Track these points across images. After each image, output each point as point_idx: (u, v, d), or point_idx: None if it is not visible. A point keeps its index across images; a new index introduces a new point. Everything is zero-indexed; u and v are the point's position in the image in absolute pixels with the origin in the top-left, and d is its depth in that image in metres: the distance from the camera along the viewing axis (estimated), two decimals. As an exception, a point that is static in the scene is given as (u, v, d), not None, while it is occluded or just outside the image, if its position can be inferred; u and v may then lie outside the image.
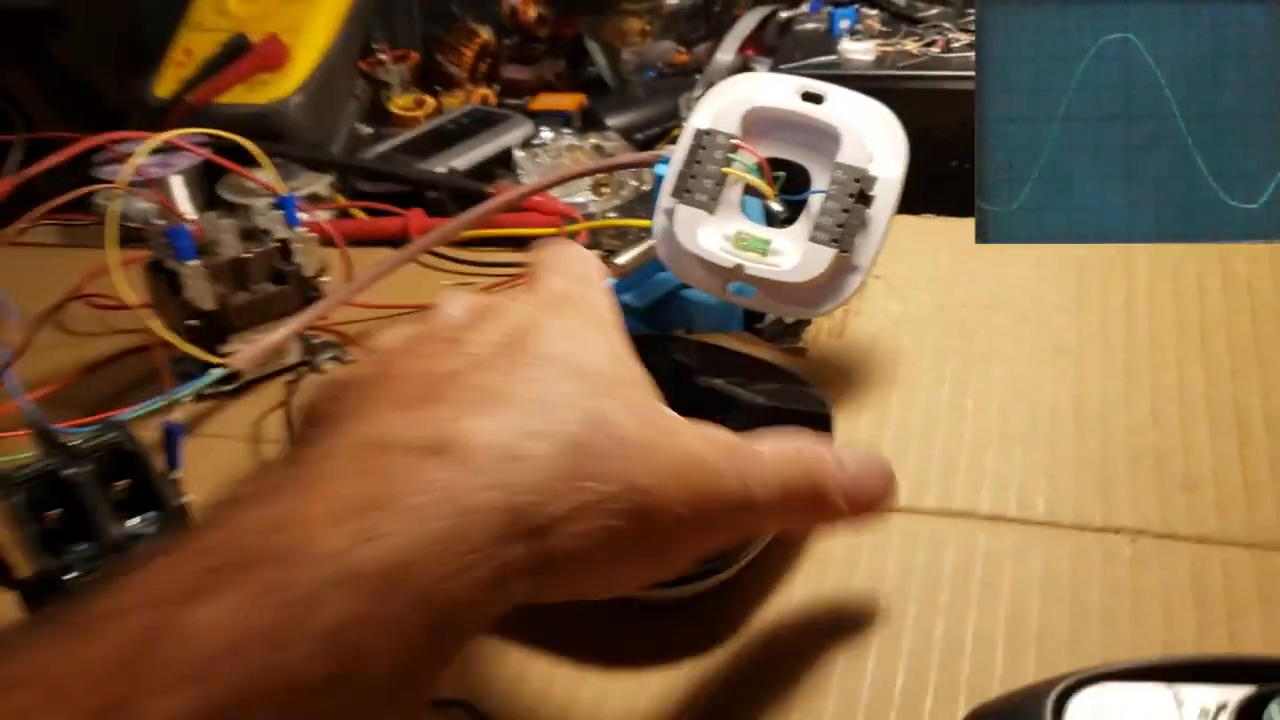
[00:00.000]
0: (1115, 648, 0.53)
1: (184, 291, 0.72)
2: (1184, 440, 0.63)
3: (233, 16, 1.10)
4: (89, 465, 0.51)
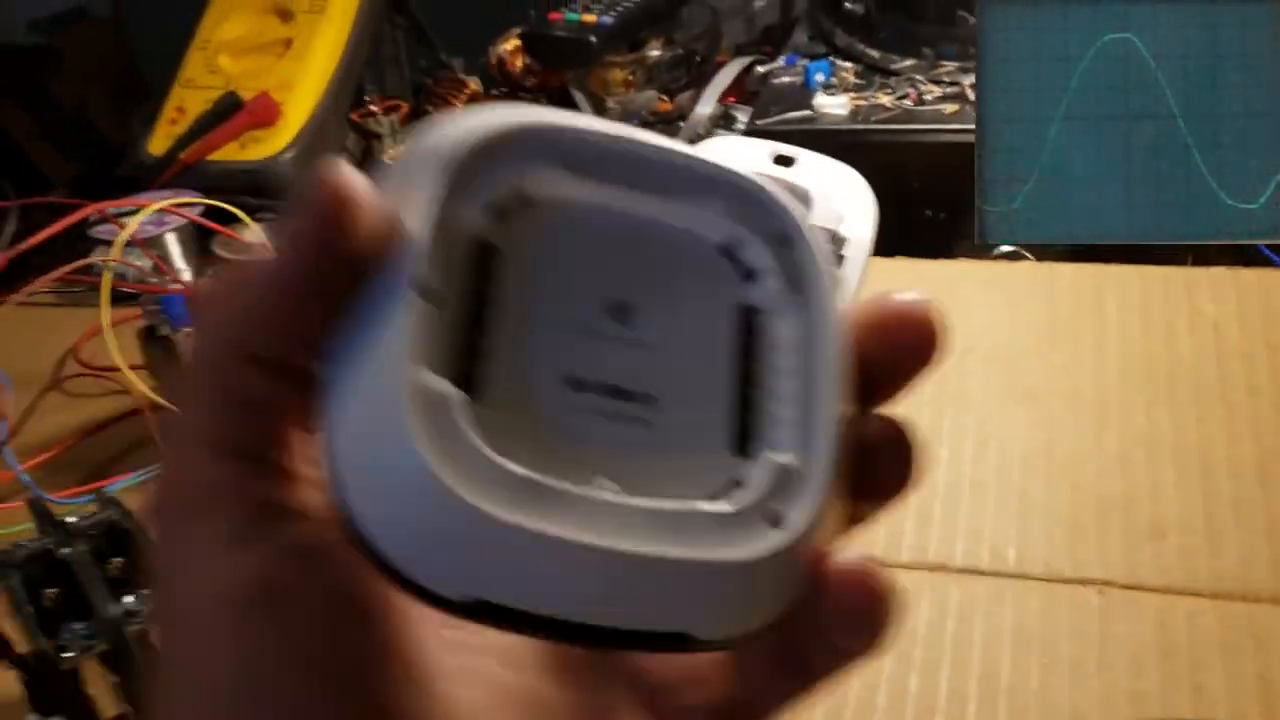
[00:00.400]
0: (1083, 700, 0.54)
1: (179, 360, 0.73)
2: (1151, 486, 0.65)
3: (224, 73, 1.12)
4: (84, 545, 0.53)
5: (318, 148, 1.10)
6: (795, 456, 0.30)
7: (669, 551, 0.28)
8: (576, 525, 0.28)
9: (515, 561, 0.28)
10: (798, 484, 0.30)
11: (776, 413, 0.31)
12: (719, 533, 0.29)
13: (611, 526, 0.28)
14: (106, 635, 0.50)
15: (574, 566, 0.28)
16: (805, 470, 0.30)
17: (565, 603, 0.28)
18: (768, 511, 0.29)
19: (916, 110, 0.92)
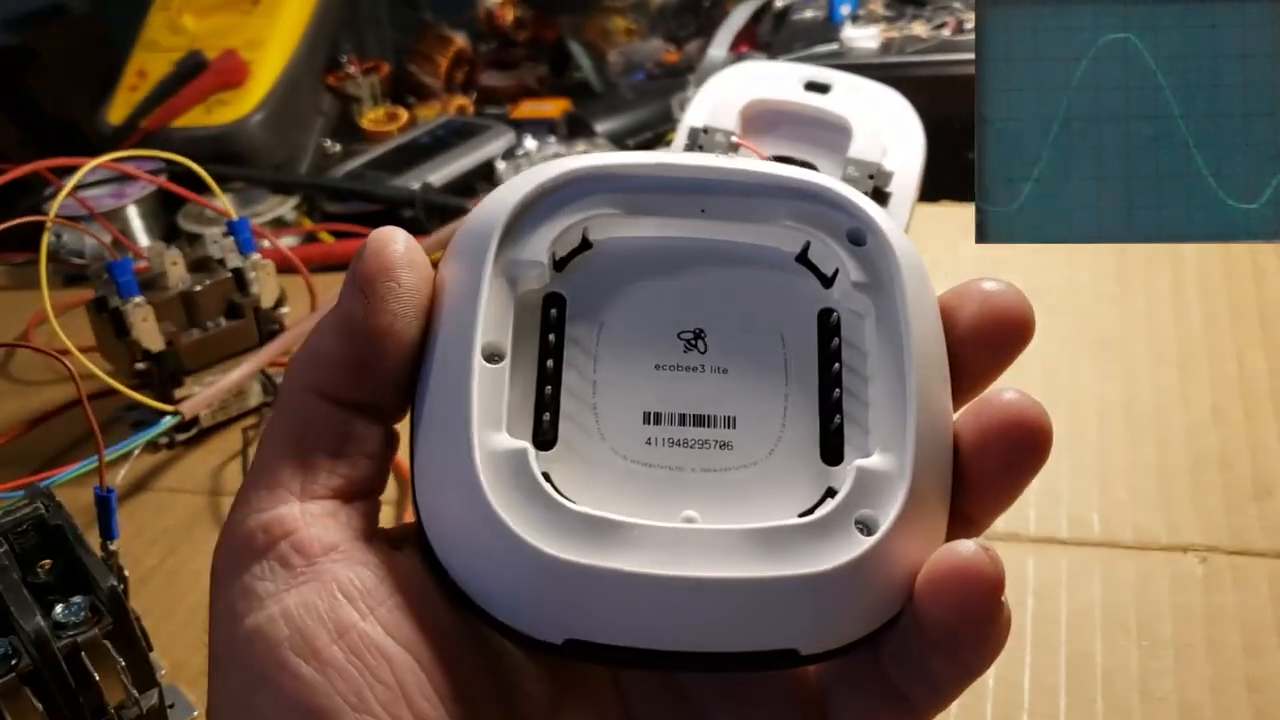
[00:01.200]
0: (1191, 685, 0.46)
1: (129, 332, 0.65)
2: (1250, 439, 0.56)
3: (188, 34, 1.03)
4: (4, 545, 0.44)
5: (289, 110, 1.02)
6: (883, 460, 0.30)
7: (759, 571, 0.28)
8: (660, 558, 0.28)
9: (602, 600, 0.29)
10: (887, 487, 0.29)
11: (864, 417, 0.31)
12: (810, 545, 0.29)
13: (698, 554, 0.29)
14: (30, 652, 0.42)
15: (662, 598, 0.28)
16: (894, 473, 0.29)
17: (659, 634, 0.29)
18: (859, 517, 0.29)
19: (956, 40, 0.84)
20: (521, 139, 1.03)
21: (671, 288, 0.33)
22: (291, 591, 0.29)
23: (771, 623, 0.29)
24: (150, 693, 0.45)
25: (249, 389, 0.71)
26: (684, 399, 0.32)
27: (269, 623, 0.28)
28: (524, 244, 0.32)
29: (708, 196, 0.33)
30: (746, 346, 0.32)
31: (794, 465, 0.31)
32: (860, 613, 0.29)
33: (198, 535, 0.63)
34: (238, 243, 0.69)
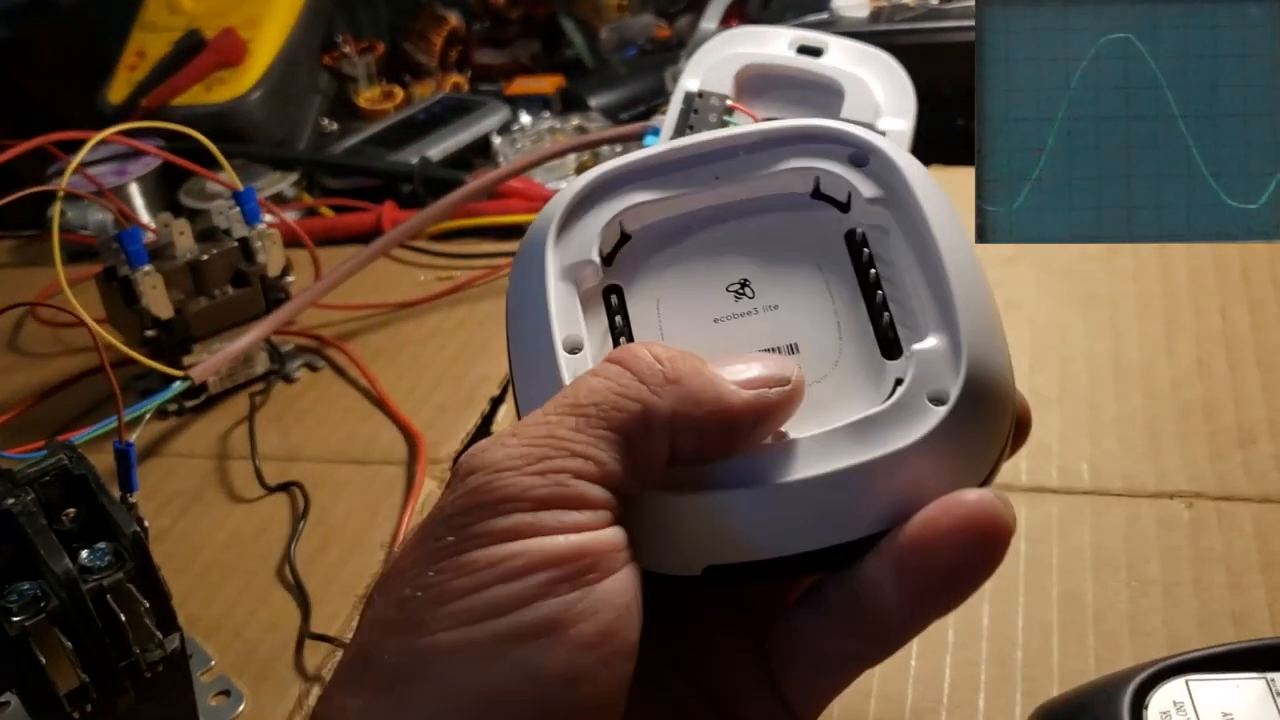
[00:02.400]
0: (1179, 621, 0.48)
1: (139, 300, 0.66)
2: (1235, 390, 0.58)
3: (186, 14, 1.04)
4: (31, 494, 0.46)
5: (287, 88, 1.03)
6: (937, 339, 0.32)
7: (855, 459, 0.31)
8: (771, 471, 0.31)
9: (730, 523, 0.31)
10: (947, 362, 0.32)
11: (911, 311, 0.34)
12: (895, 427, 0.31)
13: (802, 460, 0.31)
14: (59, 594, 0.43)
15: (783, 505, 0.31)
16: (949, 348, 0.32)
17: (787, 541, 0.31)
18: (930, 394, 0.31)
19: (944, 8, 0.85)
20: (516, 114, 1.04)
21: (709, 251, 0.37)
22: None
23: (880, 503, 0.31)
24: (172, 636, 0.47)
25: (256, 356, 0.73)
26: (747, 340, 0.35)
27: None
28: (574, 247, 0.36)
29: (716, 164, 0.37)
30: (789, 282, 0.36)
31: (860, 369, 0.34)
32: (952, 477, 0.31)
33: (208, 497, 0.65)
34: (243, 213, 0.70)
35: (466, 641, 0.28)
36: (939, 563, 0.30)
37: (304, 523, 0.61)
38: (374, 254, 0.75)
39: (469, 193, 0.79)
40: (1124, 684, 0.36)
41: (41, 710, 0.45)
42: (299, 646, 0.54)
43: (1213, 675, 0.36)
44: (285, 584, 0.57)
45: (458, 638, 0.28)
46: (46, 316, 0.84)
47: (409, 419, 0.67)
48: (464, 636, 0.28)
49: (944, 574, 0.31)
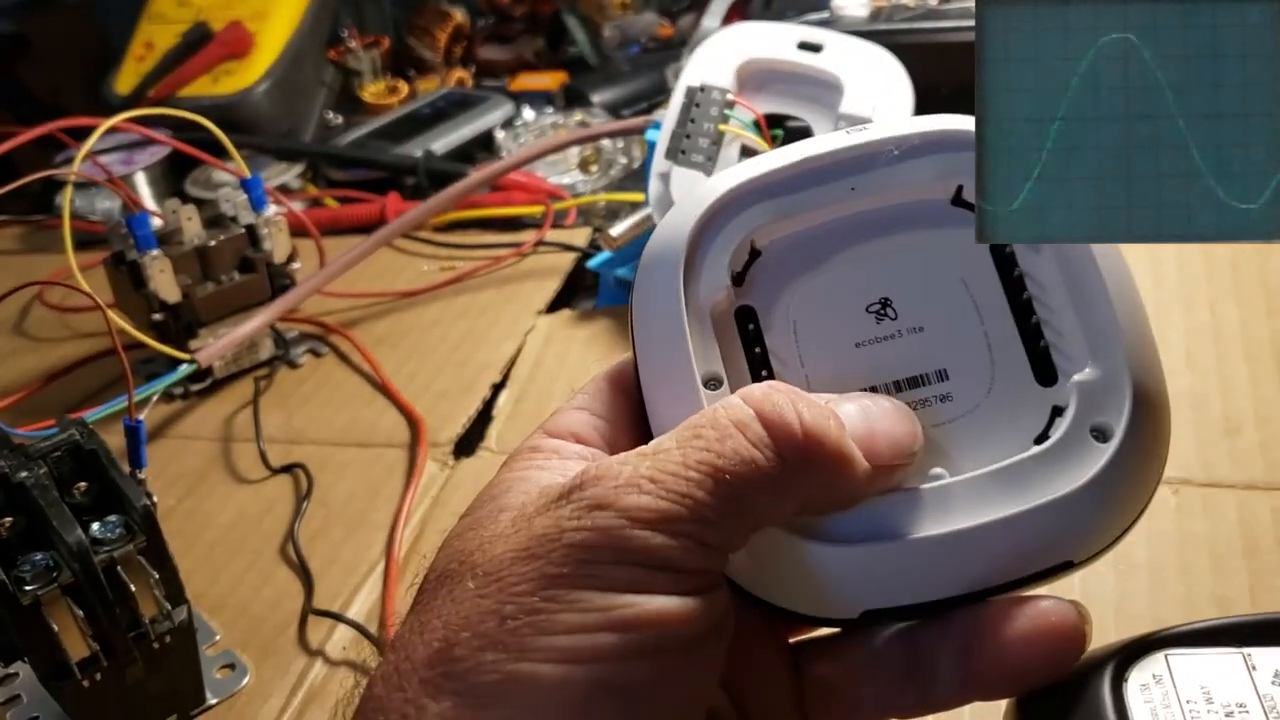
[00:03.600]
0: (1164, 603, 0.49)
1: (147, 284, 0.67)
2: (1221, 381, 0.59)
3: (194, 6, 1.05)
4: (44, 467, 0.47)
5: (293, 80, 1.04)
6: (1099, 369, 0.31)
7: (1018, 506, 0.30)
8: (926, 521, 0.30)
9: (886, 572, 0.31)
10: (1110, 393, 0.31)
11: (1065, 336, 0.32)
12: (1057, 467, 0.30)
13: (958, 506, 0.30)
14: (71, 564, 0.44)
15: (938, 554, 0.30)
16: (1113, 378, 0.31)
17: (942, 586, 0.31)
18: (1093, 427, 0.31)
19: (942, 8, 0.86)
20: (520, 110, 1.05)
21: (846, 267, 0.34)
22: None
23: (1043, 548, 0.30)
24: (180, 608, 0.48)
25: (261, 341, 0.74)
26: (892, 367, 0.33)
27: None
28: (703, 273, 0.34)
29: (853, 175, 0.34)
30: (933, 300, 0.34)
31: (1014, 396, 0.32)
32: (1117, 515, 0.31)
33: (212, 478, 0.66)
34: (250, 200, 0.71)
35: (570, 681, 0.28)
36: (1007, 662, 0.31)
37: (307, 503, 0.62)
38: (378, 243, 0.76)
39: (471, 185, 0.80)
40: (1106, 658, 0.37)
41: (52, 678, 0.46)
42: (302, 622, 0.55)
43: (1191, 650, 0.37)
44: (289, 562, 0.59)
45: (561, 674, 0.28)
46: (54, 301, 0.85)
47: (411, 404, 0.68)
48: (569, 674, 0.28)
49: (1009, 672, 0.31)
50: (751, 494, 0.29)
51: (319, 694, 0.51)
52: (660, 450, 0.30)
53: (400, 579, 0.56)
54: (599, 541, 0.29)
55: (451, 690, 0.28)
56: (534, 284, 0.80)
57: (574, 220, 0.88)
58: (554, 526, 0.30)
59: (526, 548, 0.30)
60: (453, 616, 0.30)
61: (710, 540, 0.29)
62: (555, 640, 0.28)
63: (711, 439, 0.30)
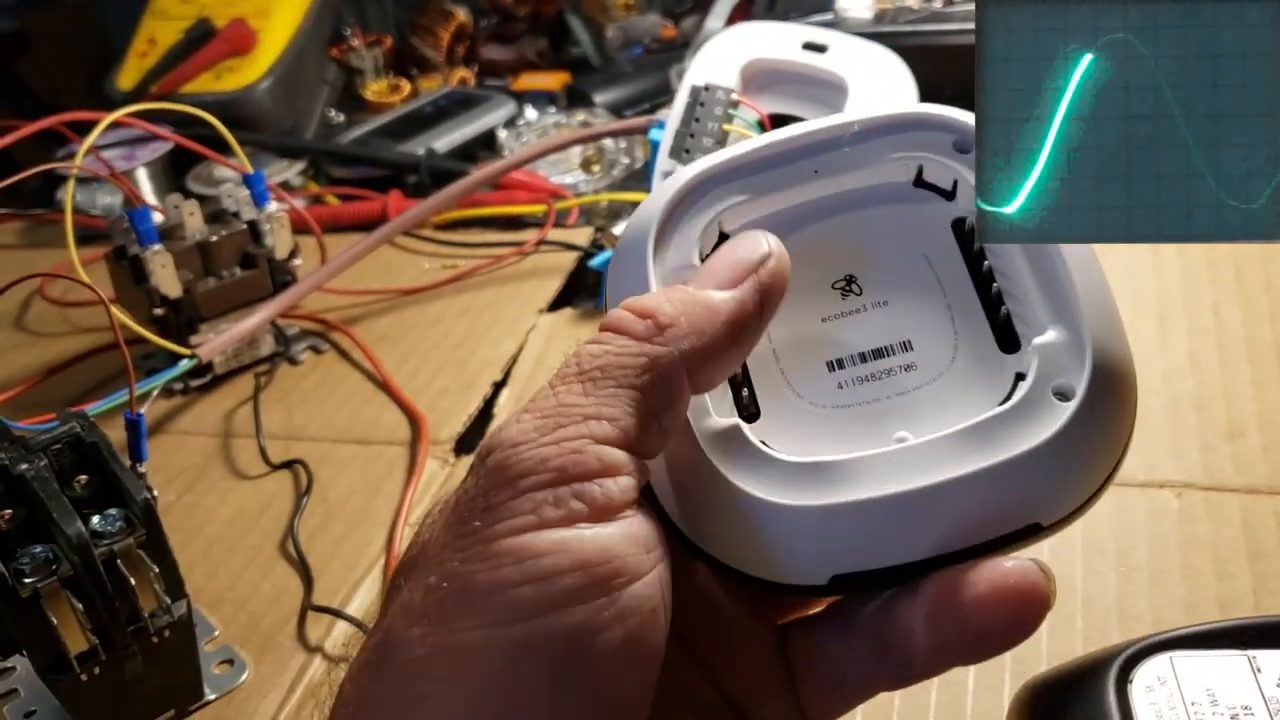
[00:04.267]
0: (1166, 607, 0.49)
1: (148, 279, 0.67)
2: (1225, 385, 0.59)
3: (197, 3, 1.05)
4: (44, 460, 0.47)
5: (296, 78, 1.04)
6: (1059, 333, 0.32)
7: (982, 463, 0.30)
8: (892, 479, 0.31)
9: (854, 532, 0.31)
10: (1071, 355, 0.31)
11: (1026, 303, 0.33)
12: (1020, 426, 0.31)
13: (924, 465, 0.31)
14: (70, 557, 0.44)
15: (905, 513, 0.31)
16: (1073, 341, 0.31)
17: (911, 547, 0.31)
18: (1055, 388, 0.31)
19: (946, 11, 0.86)
20: (522, 109, 1.05)
21: (812, 248, 0.35)
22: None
23: (1008, 508, 0.30)
24: (180, 602, 0.48)
25: (261, 337, 0.73)
26: (858, 339, 0.34)
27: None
28: (674, 251, 0.35)
29: (815, 158, 0.35)
30: (897, 276, 0.35)
31: (977, 363, 0.34)
32: (1081, 475, 0.31)
33: (212, 474, 0.66)
34: (253, 196, 0.71)
35: (492, 642, 0.27)
36: (972, 624, 0.30)
37: (307, 499, 0.62)
38: (380, 240, 0.76)
39: (473, 183, 0.80)
40: (1110, 659, 0.37)
41: (51, 671, 0.46)
42: (301, 619, 0.55)
43: (1196, 652, 0.37)
44: (288, 558, 0.58)
45: (483, 638, 0.27)
46: (54, 295, 0.85)
47: (412, 402, 0.68)
48: (490, 637, 0.27)
49: (975, 635, 0.31)
50: (620, 376, 0.29)
51: (318, 690, 0.51)
52: (536, 392, 0.30)
53: (400, 576, 0.56)
54: (495, 481, 0.29)
55: (388, 670, 0.28)
56: (536, 283, 0.80)
57: (576, 220, 0.88)
58: (461, 492, 0.29)
59: (445, 520, 0.29)
60: (396, 602, 0.29)
61: (603, 436, 0.29)
62: (476, 604, 0.27)
63: (570, 361, 0.30)
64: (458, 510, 0.29)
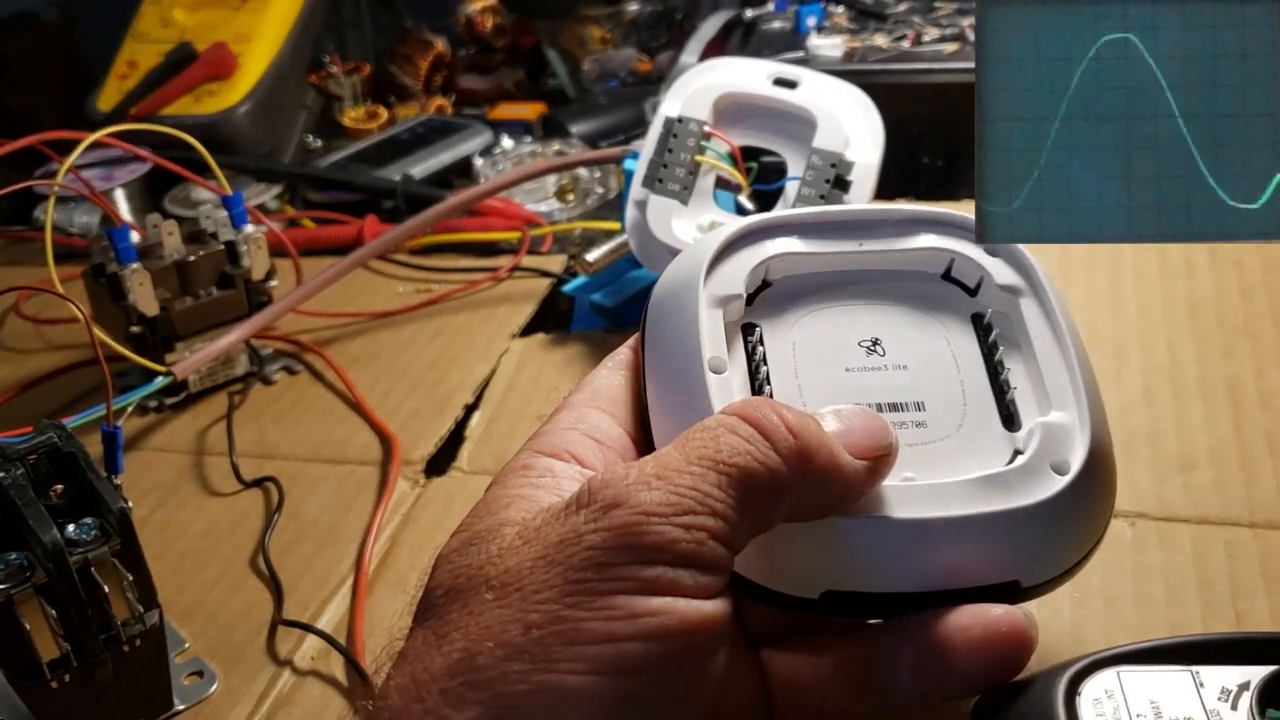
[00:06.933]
0: (1119, 632, 0.50)
1: (126, 296, 0.68)
2: (1178, 419, 0.61)
3: (178, 26, 1.06)
4: (20, 469, 0.47)
5: (275, 102, 1.05)
6: (1061, 415, 0.35)
7: (979, 509, 0.33)
8: (893, 508, 0.33)
9: (850, 552, 0.33)
10: (1069, 434, 0.35)
11: (1034, 388, 0.37)
12: (1017, 487, 0.34)
13: (924, 502, 0.33)
14: (45, 564, 0.45)
15: (898, 541, 0.33)
16: (1072, 422, 0.35)
17: (902, 576, 0.33)
18: (1052, 463, 0.34)
19: (914, 51, 0.89)
20: (499, 138, 1.06)
21: (845, 308, 0.40)
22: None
23: (995, 558, 0.34)
24: (152, 612, 0.48)
25: (236, 357, 0.74)
26: (876, 391, 0.37)
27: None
28: (724, 280, 0.38)
29: (862, 232, 0.40)
30: (918, 348, 0.38)
31: (982, 433, 0.37)
32: (1066, 543, 0.35)
33: (185, 490, 0.66)
34: (231, 217, 0.72)
35: (598, 692, 0.28)
36: (960, 667, 0.33)
37: (278, 516, 0.62)
38: (355, 262, 0.77)
39: (449, 208, 0.81)
40: (1059, 673, 0.38)
41: (22, 678, 0.46)
42: (271, 632, 0.55)
43: (1142, 667, 0.38)
44: (259, 574, 0.59)
45: (588, 685, 0.28)
46: (29, 312, 0.86)
47: (384, 422, 0.69)
48: (595, 686, 0.28)
49: (961, 677, 0.33)
50: (751, 485, 0.31)
51: (286, 702, 0.52)
52: (661, 454, 0.32)
53: (370, 593, 0.57)
54: (618, 541, 0.29)
55: (475, 700, 0.29)
56: (509, 308, 0.81)
57: (550, 247, 0.89)
58: (571, 532, 0.30)
59: (544, 555, 0.30)
60: (472, 628, 0.30)
61: (720, 534, 0.30)
62: (583, 650, 0.28)
63: (705, 439, 0.32)
64: (563, 552, 0.30)
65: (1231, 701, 0.37)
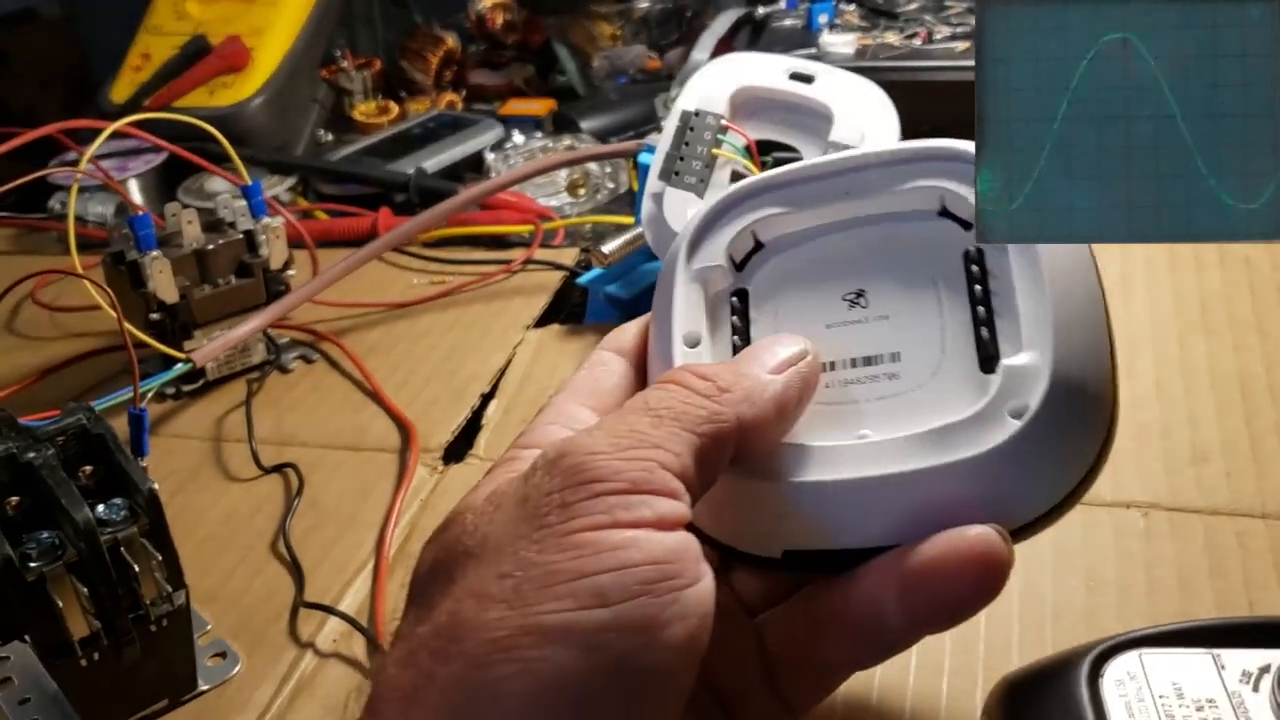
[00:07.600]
0: (1132, 620, 0.50)
1: (146, 284, 0.69)
2: (1189, 412, 0.61)
3: (192, 19, 1.07)
4: (51, 450, 0.48)
5: (288, 96, 1.06)
6: (1028, 356, 0.34)
7: (928, 462, 0.33)
8: (845, 467, 0.34)
9: (803, 511, 0.34)
10: (1032, 378, 0.33)
11: (1015, 328, 0.35)
12: (971, 436, 0.33)
13: (876, 459, 0.34)
14: (76, 543, 0.45)
15: (854, 500, 0.34)
16: (1038, 365, 0.33)
17: (858, 534, 0.34)
18: (1010, 408, 0.33)
19: (926, 48, 0.89)
20: (509, 133, 1.07)
21: (833, 261, 0.39)
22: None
23: (950, 509, 0.33)
24: (180, 592, 0.49)
25: (253, 346, 0.75)
26: (852, 347, 0.37)
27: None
28: (706, 253, 0.39)
29: (847, 179, 0.39)
30: (903, 295, 0.38)
31: (956, 380, 0.36)
32: (1030, 491, 0.34)
33: (204, 475, 0.67)
34: (250, 206, 0.72)
35: (573, 626, 0.29)
36: (943, 591, 0.33)
37: (298, 501, 0.63)
38: (372, 254, 0.77)
39: (462, 201, 0.82)
40: (1082, 656, 0.39)
41: (53, 655, 0.47)
42: (293, 615, 0.56)
43: (1163, 650, 0.39)
44: (279, 558, 0.60)
45: (564, 620, 0.29)
46: (45, 300, 0.86)
47: (401, 410, 0.69)
48: (570, 620, 0.29)
49: (947, 602, 0.33)
50: (685, 420, 0.33)
51: (309, 683, 0.52)
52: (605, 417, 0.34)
53: (390, 577, 0.57)
54: (570, 481, 0.31)
55: (458, 653, 0.29)
56: (522, 300, 0.81)
57: (561, 241, 0.90)
58: (532, 489, 0.32)
59: (511, 515, 0.31)
60: (456, 590, 0.31)
61: (666, 463, 0.31)
62: (556, 589, 0.29)
63: (635, 400, 0.34)
64: (526, 507, 0.31)
65: (1253, 684, 0.37)
